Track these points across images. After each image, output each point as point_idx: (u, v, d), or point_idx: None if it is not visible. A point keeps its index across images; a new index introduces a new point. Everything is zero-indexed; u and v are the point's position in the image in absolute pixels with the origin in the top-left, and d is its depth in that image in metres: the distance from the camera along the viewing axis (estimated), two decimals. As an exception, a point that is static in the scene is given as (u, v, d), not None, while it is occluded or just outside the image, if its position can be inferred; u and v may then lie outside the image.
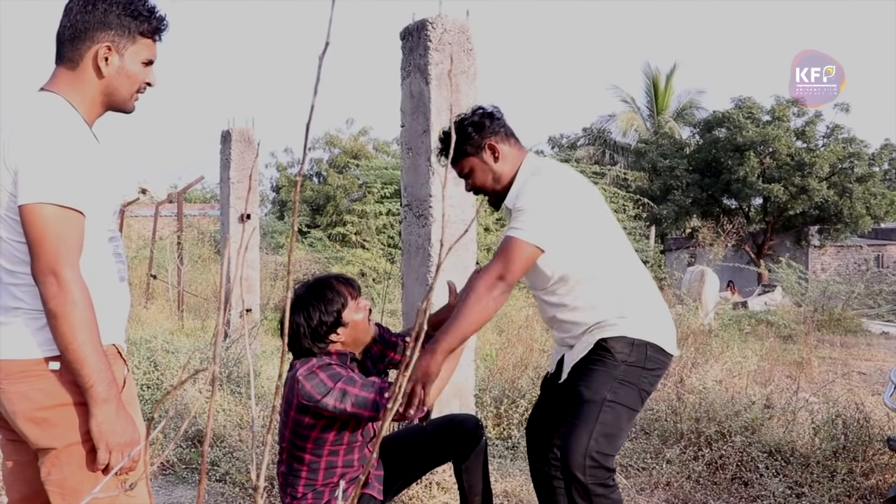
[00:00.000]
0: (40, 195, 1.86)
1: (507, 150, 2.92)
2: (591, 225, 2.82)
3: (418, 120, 4.06)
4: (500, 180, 2.92)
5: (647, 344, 2.78)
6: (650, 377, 2.80)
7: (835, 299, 13.63)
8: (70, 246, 1.88)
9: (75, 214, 1.90)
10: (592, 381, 2.75)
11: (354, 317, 2.89)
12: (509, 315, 9.78)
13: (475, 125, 2.90)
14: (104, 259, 2.07)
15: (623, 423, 2.74)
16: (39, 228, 1.86)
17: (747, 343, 9.27)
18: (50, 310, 1.85)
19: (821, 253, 28.63)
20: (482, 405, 5.24)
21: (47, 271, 1.85)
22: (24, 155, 1.89)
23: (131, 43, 2.07)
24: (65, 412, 1.94)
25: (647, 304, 2.87)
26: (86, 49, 2.04)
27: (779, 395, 5.56)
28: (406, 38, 4.18)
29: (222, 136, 8.82)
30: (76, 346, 1.86)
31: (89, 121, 2.09)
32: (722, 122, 25.50)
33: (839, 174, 24.71)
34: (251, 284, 8.45)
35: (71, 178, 1.90)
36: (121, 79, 2.08)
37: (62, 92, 2.04)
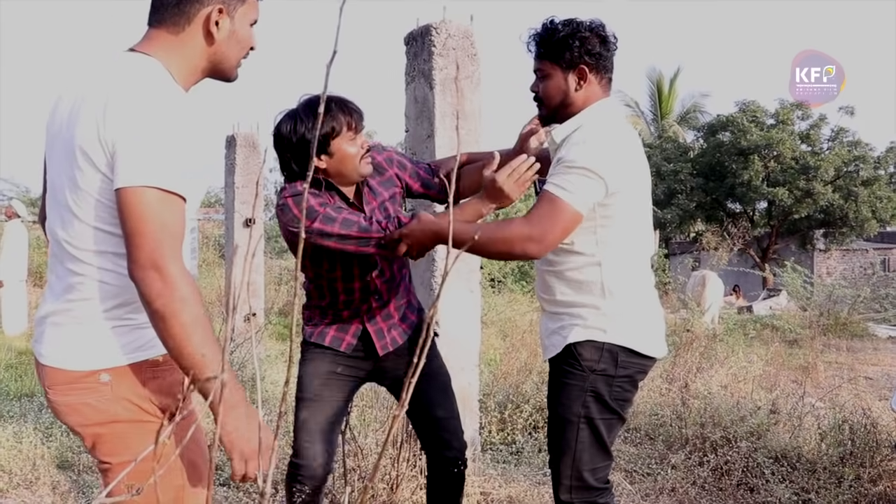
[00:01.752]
0: (143, 177, 1.64)
1: (593, 83, 2.61)
2: (626, 205, 2.56)
3: (422, 125, 4.06)
4: (568, 107, 2.62)
5: (618, 349, 2.55)
6: (624, 383, 2.59)
7: (841, 303, 13.58)
8: (173, 234, 1.66)
9: (178, 200, 1.68)
10: (564, 397, 2.60)
11: (345, 148, 2.65)
12: (513, 320, 9.78)
13: (584, 42, 2.56)
14: (187, 252, 1.89)
15: (603, 435, 2.58)
16: (139, 216, 1.63)
17: (752, 348, 9.25)
18: (156, 310, 1.62)
19: (826, 257, 28.58)
20: (486, 410, 5.23)
21: (148, 265, 1.62)
22: (125, 131, 1.66)
23: (241, 3, 1.87)
24: (116, 429, 1.76)
25: (631, 301, 2.62)
26: (195, 12, 1.81)
27: (784, 401, 5.55)
28: (410, 43, 4.18)
29: (227, 140, 8.85)
30: (191, 348, 1.64)
31: (185, 89, 1.87)
32: (726, 126, 25.47)
33: (844, 177, 24.65)
34: (256, 289, 8.47)
35: (174, 158, 1.68)
36: (231, 44, 1.87)
37: (160, 57, 1.80)
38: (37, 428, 5.02)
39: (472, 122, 4.07)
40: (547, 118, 2.72)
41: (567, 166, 2.45)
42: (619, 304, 2.58)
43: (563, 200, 2.41)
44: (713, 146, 25.71)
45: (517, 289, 16.22)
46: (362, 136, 2.71)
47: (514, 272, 16.98)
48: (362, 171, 2.70)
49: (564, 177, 2.44)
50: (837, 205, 24.22)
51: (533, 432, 5.21)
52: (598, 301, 2.58)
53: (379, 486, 3.75)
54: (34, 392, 6.44)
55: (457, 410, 2.99)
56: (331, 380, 2.84)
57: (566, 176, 2.44)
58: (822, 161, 23.88)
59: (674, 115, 32.87)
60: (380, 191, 2.82)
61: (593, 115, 2.61)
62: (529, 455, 4.87)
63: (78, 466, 4.54)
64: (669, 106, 33.18)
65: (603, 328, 2.56)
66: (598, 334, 2.56)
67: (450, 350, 4.09)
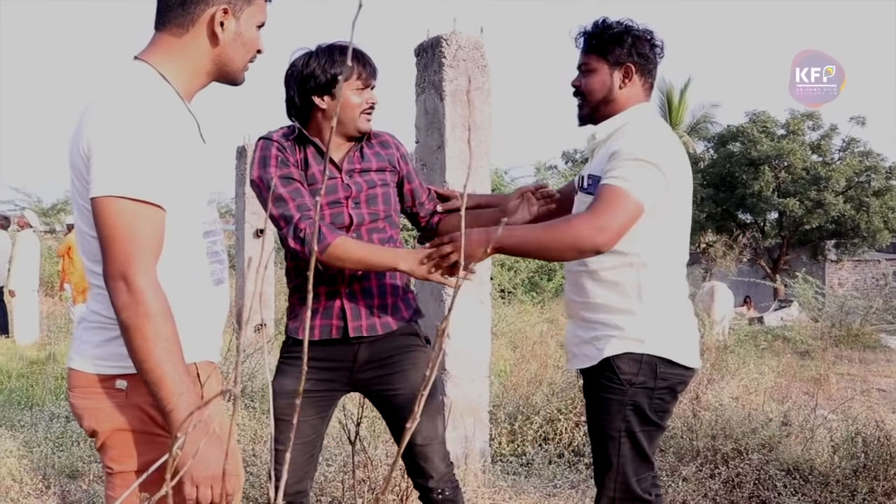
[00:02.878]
0: (111, 187, 1.62)
1: (636, 85, 2.61)
2: (671, 205, 2.50)
3: (433, 136, 4.06)
4: (610, 104, 2.60)
5: (657, 360, 2.49)
6: (664, 395, 2.53)
7: (853, 314, 13.50)
8: (145, 247, 1.64)
9: (153, 209, 1.66)
10: (604, 412, 2.54)
11: (349, 94, 2.61)
12: (523, 331, 9.76)
13: (636, 41, 2.58)
14: (196, 258, 1.84)
15: (644, 447, 2.53)
16: (110, 226, 1.62)
17: (764, 359, 9.20)
18: (121, 321, 1.62)
19: (838, 268, 28.44)
20: (496, 421, 5.22)
21: (118, 276, 1.62)
22: (97, 140, 1.65)
23: (247, 4, 1.84)
24: (125, 437, 1.75)
25: (666, 309, 2.55)
26: (199, 12, 1.79)
27: (796, 413, 5.51)
28: (420, 54, 4.19)
29: (237, 151, 8.89)
30: (152, 364, 1.62)
31: (188, 93, 1.85)
32: (736, 137, 25.41)
33: (856, 188, 24.55)
34: (266, 299, 8.48)
35: (148, 166, 1.65)
36: (236, 46, 1.85)
37: (157, 62, 1.80)
38: (47, 437, 5.04)
39: (482, 133, 4.07)
40: (586, 117, 2.68)
41: (625, 158, 2.40)
42: (655, 310, 2.51)
43: (625, 191, 2.36)
44: (723, 157, 25.66)
45: (527, 300, 16.20)
46: (370, 94, 2.67)
47: (524, 283, 16.96)
48: (360, 125, 2.66)
49: (623, 169, 2.39)
50: (849, 215, 24.11)
51: (543, 444, 5.20)
52: (634, 305, 2.51)
53: (388, 497, 3.74)
54: (45, 401, 6.46)
55: (440, 434, 2.82)
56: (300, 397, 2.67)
57: (625, 168, 2.39)
58: (833, 171, 23.79)
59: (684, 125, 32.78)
60: (370, 158, 2.75)
61: (638, 115, 2.60)
62: (539, 467, 4.86)
63: (88, 476, 4.54)
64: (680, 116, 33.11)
65: (640, 338, 2.49)
66: (635, 345, 2.49)
67: (460, 361, 4.10)
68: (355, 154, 2.72)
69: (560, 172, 24.32)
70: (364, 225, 2.68)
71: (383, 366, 2.74)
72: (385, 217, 2.73)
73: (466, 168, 3.94)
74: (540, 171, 21.70)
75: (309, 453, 2.76)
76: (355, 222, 2.66)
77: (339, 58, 2.60)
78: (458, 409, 4.11)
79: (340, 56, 2.60)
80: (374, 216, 2.70)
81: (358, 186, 2.68)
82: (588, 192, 2.57)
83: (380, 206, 2.72)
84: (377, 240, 2.69)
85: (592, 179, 2.55)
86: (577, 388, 5.46)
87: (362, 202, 2.68)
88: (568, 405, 5.31)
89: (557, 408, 5.30)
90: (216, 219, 1.94)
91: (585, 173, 2.63)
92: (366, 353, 2.73)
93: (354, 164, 2.71)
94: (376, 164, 2.75)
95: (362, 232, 2.67)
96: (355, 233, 2.66)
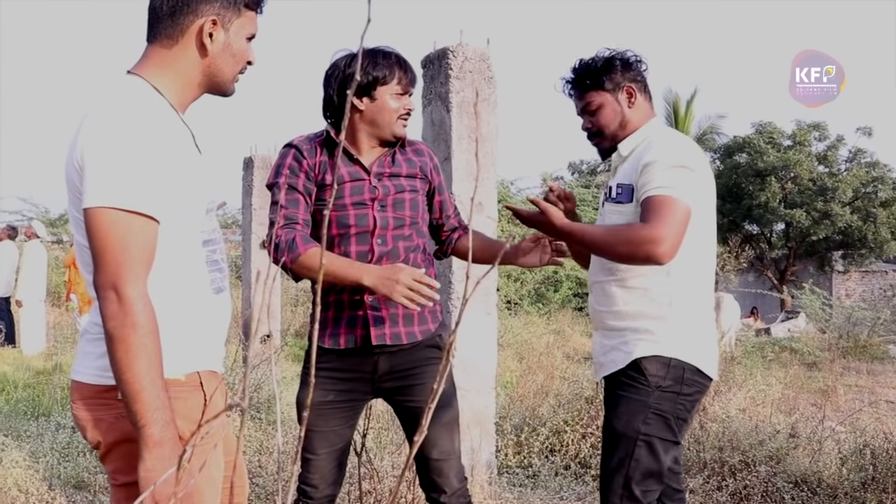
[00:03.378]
0: (102, 198, 1.63)
1: (641, 102, 2.67)
2: (700, 213, 2.49)
3: (439, 147, 4.07)
4: (626, 127, 2.64)
5: (684, 365, 2.47)
6: (687, 402, 2.50)
7: (860, 325, 13.46)
8: (136, 258, 1.64)
9: (145, 221, 1.66)
10: (624, 411, 2.50)
11: (387, 98, 2.63)
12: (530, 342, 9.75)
13: (625, 63, 2.65)
14: (195, 268, 1.83)
15: (661, 457, 2.48)
16: (102, 236, 1.63)
17: (771, 370, 9.17)
18: (107, 331, 1.62)
19: (845, 278, 28.36)
20: (502, 433, 5.21)
21: (108, 286, 1.62)
22: (89, 152, 1.66)
23: (236, 16, 1.85)
24: (126, 449, 1.73)
25: (694, 317, 2.55)
26: (188, 24, 1.80)
27: (804, 424, 5.49)
28: (427, 66, 4.20)
29: (244, 162, 8.91)
30: (130, 376, 1.61)
31: (181, 105, 1.86)
32: (743, 148, 25.41)
33: (863, 199, 24.51)
34: (272, 310, 8.48)
35: (141, 177, 1.66)
36: (226, 57, 1.85)
37: (149, 75, 1.81)
38: (53, 448, 5.04)
39: (488, 144, 4.08)
40: (609, 149, 2.71)
41: (662, 166, 2.42)
42: (684, 318, 2.51)
43: (673, 197, 2.36)
44: (730, 168, 25.64)
45: (533, 311, 16.18)
46: (409, 100, 2.69)
47: (530, 294, 16.95)
48: (395, 129, 2.67)
49: (663, 177, 2.40)
50: (856, 226, 24.06)
51: (549, 455, 5.18)
52: (665, 311, 2.50)
53: (395, 510, 3.73)
54: (51, 412, 6.46)
55: (456, 450, 2.81)
56: (323, 409, 2.67)
57: (665, 176, 2.40)
58: (839, 182, 23.76)
59: (690, 136, 32.79)
60: (401, 164, 2.75)
61: (657, 127, 2.67)
62: (546, 478, 4.84)
63: (94, 487, 4.54)
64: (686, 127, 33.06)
65: (671, 343, 2.49)
66: (666, 349, 2.48)
67: (466, 372, 4.09)
68: (387, 158, 2.72)
69: (566, 183, 24.32)
70: (389, 230, 2.67)
71: (404, 377, 2.73)
72: (411, 223, 2.72)
73: (473, 179, 3.94)
74: (546, 182, 21.69)
75: (338, 461, 2.78)
76: (379, 225, 2.65)
77: (382, 61, 2.62)
78: (465, 420, 4.10)
79: (384, 59, 2.62)
80: (400, 221, 2.69)
81: (385, 190, 2.68)
82: (617, 201, 2.58)
83: (406, 212, 2.71)
84: (402, 247, 2.69)
85: (622, 188, 2.57)
86: (583, 399, 5.45)
87: (388, 206, 2.68)
88: (574, 417, 5.30)
89: (564, 419, 5.29)
90: (216, 228, 1.93)
91: (613, 183, 2.64)
92: (386, 365, 2.72)
93: (385, 167, 2.71)
94: (406, 170, 2.74)
95: (387, 237, 2.67)
96: (380, 238, 2.65)
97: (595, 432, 5.06)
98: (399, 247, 2.69)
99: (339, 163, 2.67)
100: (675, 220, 2.34)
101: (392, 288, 2.46)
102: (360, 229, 2.65)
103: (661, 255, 2.34)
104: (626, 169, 2.59)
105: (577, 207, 2.82)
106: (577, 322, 15.70)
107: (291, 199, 2.63)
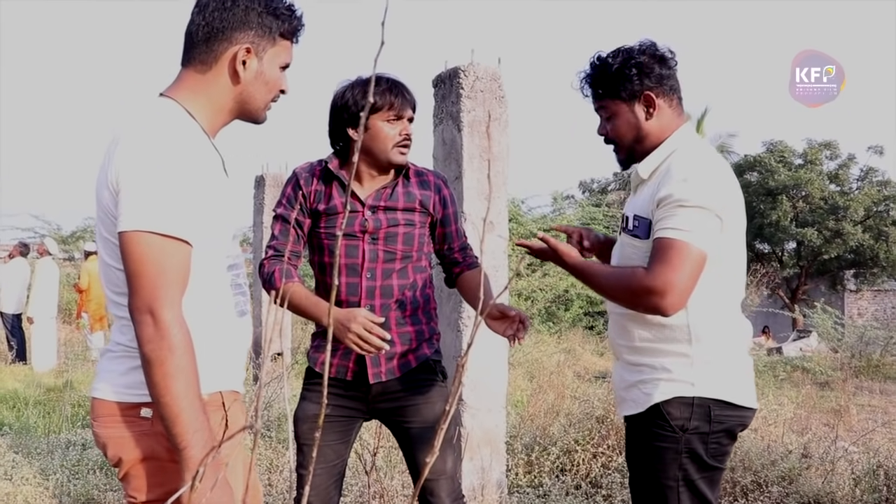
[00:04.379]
0: (140, 222, 1.65)
1: (664, 108, 2.39)
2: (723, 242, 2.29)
3: (450, 166, 4.08)
4: (644, 140, 2.41)
5: (709, 402, 2.29)
6: (720, 438, 2.32)
7: (873, 345, 13.36)
8: (171, 281, 1.66)
9: (180, 244, 1.68)
10: (657, 461, 2.33)
11: (380, 125, 2.62)
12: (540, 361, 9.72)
13: (641, 68, 2.36)
14: (221, 291, 1.86)
15: (706, 494, 2.33)
16: (138, 260, 1.65)
17: (783, 390, 9.12)
18: (144, 354, 1.63)
19: (857, 297, 28.22)
20: (513, 452, 5.18)
21: (144, 309, 1.63)
22: (126, 174, 1.68)
23: (271, 44, 1.87)
24: (149, 466, 1.76)
25: (719, 349, 2.34)
26: (222, 50, 1.83)
27: (816, 444, 5.44)
28: (438, 85, 4.22)
29: (256, 180, 8.95)
30: (170, 398, 1.62)
31: (212, 130, 1.89)
32: (753, 166, 25.39)
33: (874, 217, 24.44)
34: (283, 328, 8.48)
35: (177, 202, 1.68)
36: (258, 85, 1.88)
37: (182, 98, 1.84)
38: (63, 465, 5.04)
39: (499, 163, 4.08)
40: (626, 160, 2.50)
41: (678, 205, 2.21)
42: (707, 351, 2.31)
43: (685, 242, 2.17)
44: (741, 186, 25.53)
45: (544, 329, 16.14)
46: (406, 125, 2.66)
47: (541, 313, 16.92)
48: (392, 157, 2.65)
49: (677, 217, 2.20)
50: (868, 245, 23.97)
51: (560, 475, 5.15)
52: (685, 348, 2.31)
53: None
54: (61, 429, 6.47)
55: (449, 469, 2.79)
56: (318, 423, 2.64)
57: (679, 216, 2.20)
58: (851, 201, 23.71)
59: (701, 154, 32.75)
60: (399, 197, 2.72)
61: (681, 145, 2.40)
62: (556, 498, 4.81)
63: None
64: (696, 146, 33.09)
65: (691, 381, 2.30)
66: (685, 388, 2.30)
67: (477, 391, 4.08)
68: (385, 191, 2.71)
69: (577, 202, 24.31)
70: (378, 263, 2.68)
71: (397, 398, 2.75)
72: (403, 257, 2.71)
73: (484, 198, 3.95)
74: (557, 201, 21.69)
75: (334, 477, 2.77)
76: (367, 259, 2.67)
77: (377, 91, 2.61)
78: (475, 439, 4.09)
79: (375, 87, 2.61)
80: (391, 255, 2.69)
81: (377, 223, 2.68)
82: (633, 234, 2.39)
83: (398, 245, 2.70)
84: (397, 284, 2.71)
85: (639, 221, 2.36)
86: (594, 418, 5.43)
87: (380, 239, 2.68)
88: (585, 436, 5.27)
89: (575, 439, 5.26)
90: (239, 252, 1.96)
91: (630, 213, 2.43)
92: (379, 387, 2.73)
93: (381, 200, 2.70)
94: (404, 204, 2.72)
95: (377, 271, 2.68)
96: (369, 272, 2.67)
97: (606, 452, 5.03)
98: (393, 283, 2.70)
99: (335, 193, 2.70)
100: (685, 268, 2.16)
101: (344, 334, 2.50)
102: (350, 261, 2.67)
103: (666, 307, 2.18)
104: (644, 196, 2.38)
105: (588, 227, 2.77)
106: (587, 341, 15.65)
107: (283, 230, 2.73)
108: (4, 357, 11.65)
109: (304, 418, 2.74)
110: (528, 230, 17.53)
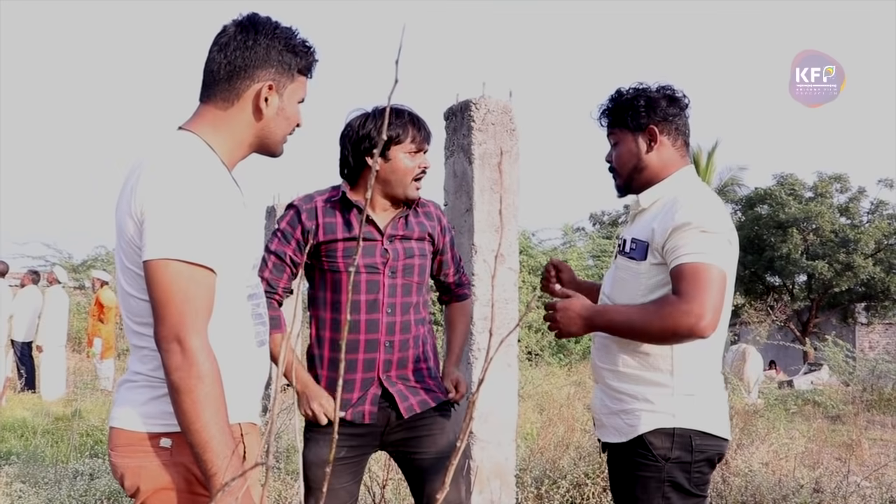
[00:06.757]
0: (166, 250, 1.67)
1: (666, 145, 2.48)
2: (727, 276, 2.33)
3: (461, 199, 4.09)
4: (642, 171, 2.49)
5: (690, 432, 2.34)
6: (702, 467, 2.37)
7: (885, 378, 13.26)
8: (198, 309, 1.67)
9: (205, 272, 1.70)
10: (640, 491, 2.37)
11: (401, 158, 2.64)
12: (550, 394, 9.68)
13: (649, 102, 2.47)
14: (241, 321, 1.87)
15: None
16: (165, 288, 1.66)
17: (794, 424, 9.05)
18: (172, 382, 1.64)
19: (868, 331, 28.05)
20: (522, 485, 5.15)
21: (171, 338, 1.64)
22: (151, 204, 1.70)
23: (290, 81, 1.92)
24: (166, 497, 1.75)
25: (699, 381, 2.40)
26: (245, 88, 1.87)
27: (828, 479, 5.40)
28: (450, 118, 4.24)
29: (267, 211, 8.97)
30: (199, 426, 1.63)
31: (231, 163, 1.92)
32: (764, 199, 25.41)
33: (885, 250, 24.39)
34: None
35: (201, 230, 1.70)
36: (279, 120, 1.93)
37: (203, 132, 1.87)
38: (71, 495, 5.02)
39: (510, 196, 4.10)
40: (622, 188, 2.59)
41: (699, 230, 2.26)
42: (686, 383, 2.37)
43: (710, 264, 2.22)
44: (751, 219, 25.59)
45: (554, 362, 16.09)
46: (424, 158, 2.71)
47: (551, 345, 16.87)
48: (408, 191, 2.69)
49: (695, 243, 2.25)
50: (879, 278, 23.90)
51: (570, 509, 5.12)
52: (666, 378, 2.37)
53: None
54: (69, 458, 6.46)
55: (459, 499, 2.80)
56: (335, 467, 2.65)
57: (697, 241, 2.25)
58: (861, 234, 23.68)
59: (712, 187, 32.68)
60: (414, 227, 2.77)
61: (684, 181, 2.48)
62: (566, 532, 4.78)
63: (112, 536, 4.52)
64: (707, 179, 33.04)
65: (672, 412, 2.35)
66: (666, 419, 2.35)
67: (487, 424, 4.06)
68: (400, 220, 2.74)
69: (588, 234, 24.33)
70: (398, 298, 2.70)
71: (413, 428, 2.75)
72: (418, 290, 2.77)
73: (495, 231, 3.96)
74: (567, 234, 21.69)
75: None
76: (387, 294, 2.68)
77: (395, 120, 2.65)
78: (485, 472, 4.07)
79: (397, 118, 2.65)
80: (408, 288, 2.72)
81: (395, 253, 2.70)
82: (630, 256, 2.44)
83: (415, 277, 2.75)
84: (413, 320, 2.74)
85: (636, 244, 2.42)
86: (604, 452, 5.39)
87: (399, 271, 2.70)
88: (595, 469, 5.24)
89: (584, 472, 5.23)
90: (258, 282, 1.97)
91: (628, 236, 2.49)
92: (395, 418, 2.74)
93: (398, 230, 2.73)
94: (418, 233, 2.77)
95: (396, 307, 2.69)
96: (389, 307, 2.68)
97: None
98: (410, 319, 2.73)
99: (353, 222, 2.69)
100: (714, 289, 2.20)
101: (304, 407, 2.66)
102: (370, 297, 2.67)
103: (704, 329, 2.19)
104: (643, 222, 2.46)
105: (599, 259, 2.79)
106: (597, 373, 15.55)
107: (277, 266, 2.71)
108: (14, 385, 11.66)
109: (318, 463, 2.69)
110: (538, 262, 17.53)
